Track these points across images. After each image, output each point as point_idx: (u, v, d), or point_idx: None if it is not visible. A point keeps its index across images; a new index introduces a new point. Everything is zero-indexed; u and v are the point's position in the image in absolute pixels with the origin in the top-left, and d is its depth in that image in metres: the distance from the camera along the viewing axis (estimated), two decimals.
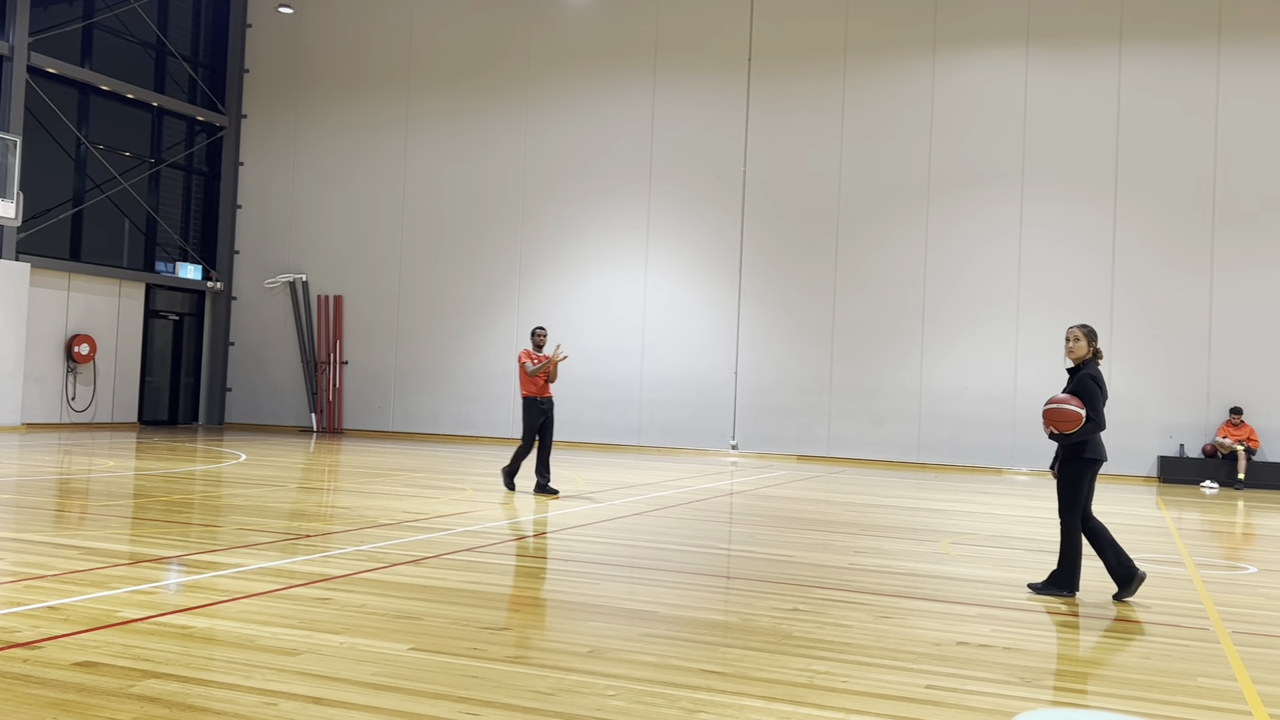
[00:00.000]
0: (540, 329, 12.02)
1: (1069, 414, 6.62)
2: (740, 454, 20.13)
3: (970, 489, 15.28)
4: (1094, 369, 6.80)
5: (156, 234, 23.03)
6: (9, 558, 6.72)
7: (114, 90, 21.67)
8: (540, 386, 11.70)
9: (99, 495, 10.34)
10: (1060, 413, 6.64)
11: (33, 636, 4.76)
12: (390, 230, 22.94)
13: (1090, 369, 6.80)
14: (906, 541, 9.20)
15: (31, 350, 19.83)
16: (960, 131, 19.33)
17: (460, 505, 10.51)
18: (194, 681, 4.18)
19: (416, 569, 6.86)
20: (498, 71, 22.32)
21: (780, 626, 5.59)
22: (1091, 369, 6.80)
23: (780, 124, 20.34)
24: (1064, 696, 4.52)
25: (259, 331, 23.87)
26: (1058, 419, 6.64)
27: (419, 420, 22.48)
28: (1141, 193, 18.32)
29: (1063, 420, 6.63)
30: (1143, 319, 18.15)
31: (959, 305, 19.16)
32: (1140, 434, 18.03)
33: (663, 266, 20.94)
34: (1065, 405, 6.65)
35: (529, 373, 11.66)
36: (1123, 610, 6.48)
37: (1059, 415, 6.64)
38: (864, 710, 4.15)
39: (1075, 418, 6.62)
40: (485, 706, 4.01)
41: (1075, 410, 6.63)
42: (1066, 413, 6.63)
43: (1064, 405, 6.65)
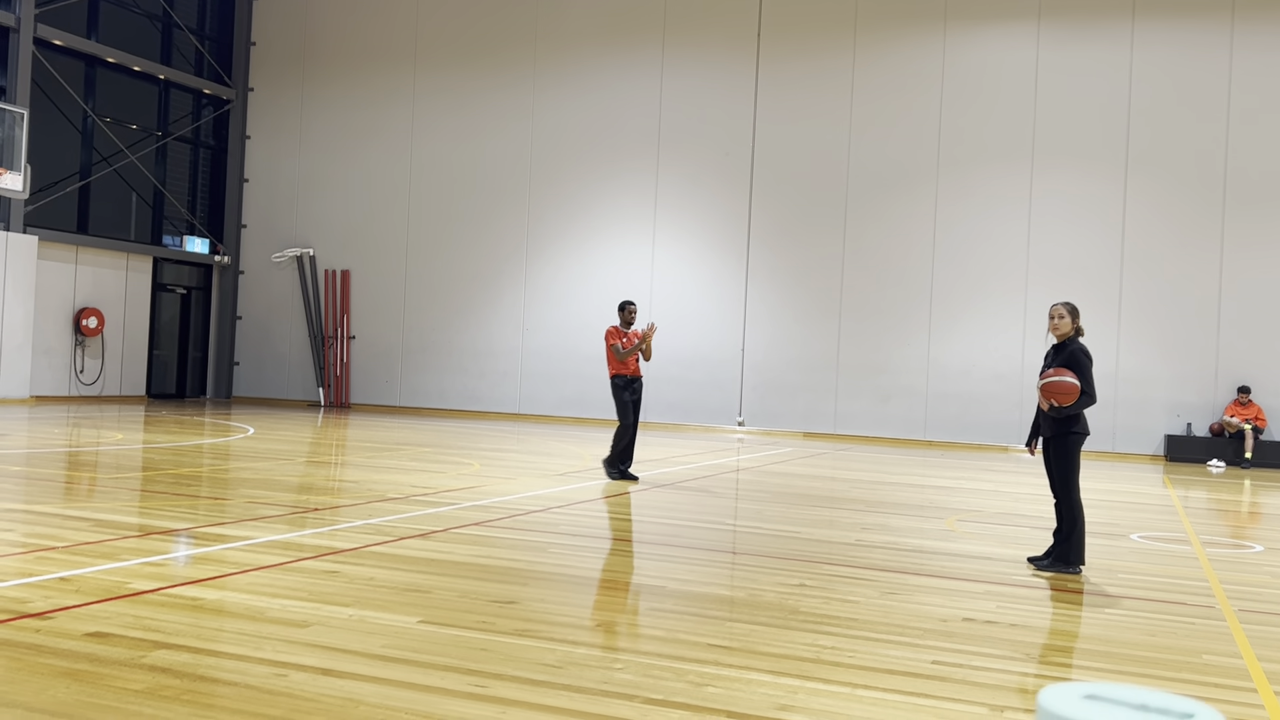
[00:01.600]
0: (630, 303, 11.11)
1: (1069, 386, 6.67)
2: (746, 431, 20.15)
3: (977, 466, 15.29)
4: (1083, 344, 6.87)
5: (164, 207, 23.03)
6: (20, 529, 6.76)
7: (120, 62, 21.61)
8: (630, 365, 10.94)
9: (108, 468, 10.39)
10: (1061, 385, 6.68)
11: (44, 607, 4.79)
12: (397, 205, 22.90)
13: (1080, 344, 6.86)
14: (913, 518, 9.21)
15: (40, 323, 19.88)
16: (970, 107, 19.21)
17: (468, 480, 10.54)
18: (204, 652, 4.21)
19: (425, 543, 6.89)
20: (505, 47, 22.21)
21: (787, 602, 5.61)
22: (1081, 344, 6.87)
23: (789, 100, 20.23)
24: (1069, 673, 4.54)
25: (266, 306, 23.89)
26: (1059, 391, 6.68)
27: (426, 395, 22.52)
28: (1152, 170, 18.22)
29: (1063, 392, 6.67)
30: (1151, 297, 18.09)
31: (967, 282, 19.10)
32: (1147, 412, 18.00)
33: (670, 243, 20.89)
34: (1064, 378, 6.69)
35: (619, 357, 10.81)
36: (1129, 587, 6.49)
37: (1060, 388, 6.68)
38: (870, 685, 4.17)
39: (1074, 389, 6.68)
40: (494, 679, 4.03)
41: (1073, 382, 6.68)
42: (1067, 385, 6.67)
43: (1063, 378, 6.69)
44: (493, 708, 3.70)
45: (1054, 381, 6.68)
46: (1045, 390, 6.71)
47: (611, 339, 10.93)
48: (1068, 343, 6.91)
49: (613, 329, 10.98)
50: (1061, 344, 6.95)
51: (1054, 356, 6.94)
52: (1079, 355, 6.79)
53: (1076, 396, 6.67)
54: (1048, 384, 6.69)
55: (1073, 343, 6.88)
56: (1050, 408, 6.76)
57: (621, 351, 10.80)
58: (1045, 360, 7.06)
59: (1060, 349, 6.93)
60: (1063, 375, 6.70)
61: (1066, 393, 6.67)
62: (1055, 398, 6.69)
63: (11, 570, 5.54)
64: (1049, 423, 6.89)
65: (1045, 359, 7.09)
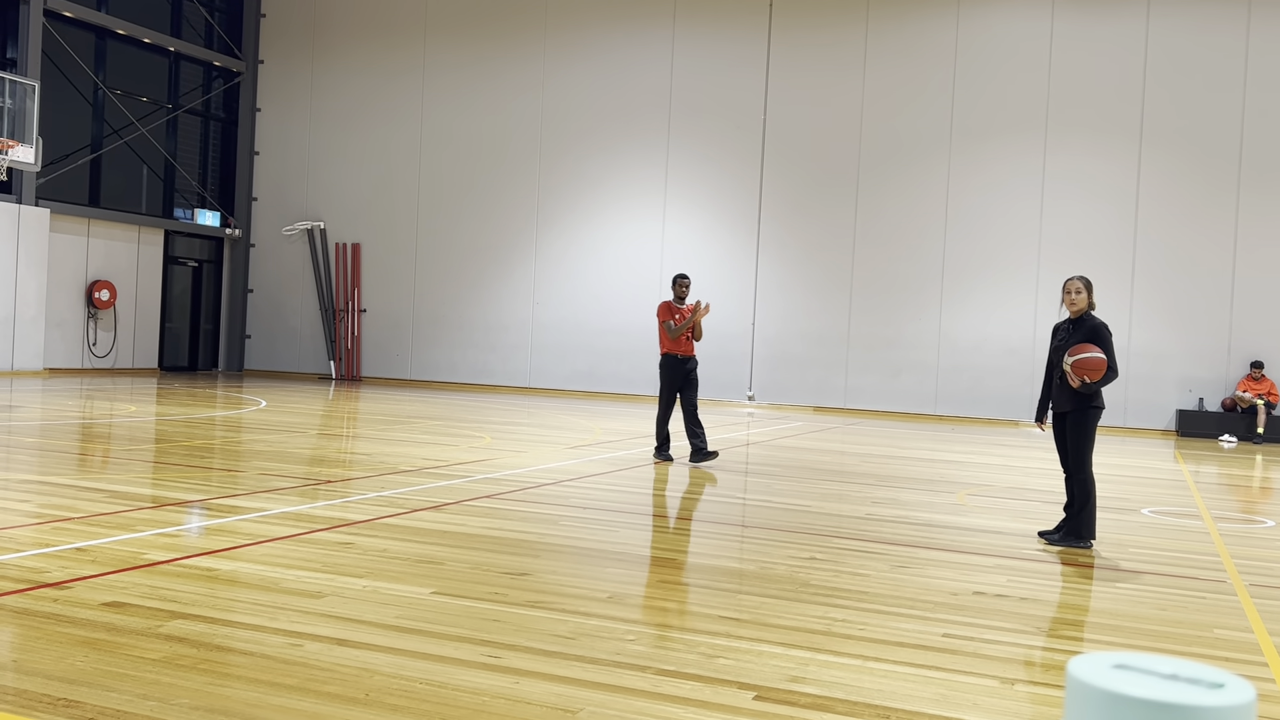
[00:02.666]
0: (683, 277, 10.59)
1: (1098, 361, 6.65)
2: (757, 405, 20.16)
3: (987, 441, 15.28)
4: (1101, 320, 6.85)
5: (175, 180, 23.03)
6: (36, 500, 6.81)
7: (130, 34, 21.56)
8: (683, 343, 10.45)
9: (121, 440, 10.45)
10: (1093, 360, 6.64)
11: (62, 577, 4.84)
12: (408, 178, 22.87)
13: (1098, 319, 6.84)
14: (923, 492, 9.22)
15: (52, 296, 19.96)
16: (984, 80, 19.06)
17: (479, 453, 10.58)
18: (220, 622, 4.25)
19: (437, 515, 6.93)
20: (515, 17, 22.08)
21: (798, 575, 5.63)
22: (1099, 319, 6.84)
23: (801, 72, 20.10)
24: (1080, 646, 4.55)
25: (277, 279, 23.93)
26: (1090, 367, 6.64)
27: (436, 369, 22.57)
28: (1167, 143, 18.07)
29: (1094, 368, 6.64)
30: (1165, 271, 17.99)
31: (979, 256, 19.02)
32: (1159, 387, 17.95)
33: (681, 216, 20.83)
34: (1095, 354, 6.66)
35: (670, 334, 10.33)
36: (1140, 562, 6.49)
37: (1092, 364, 6.64)
38: (881, 658, 4.19)
39: (1103, 364, 6.66)
40: (507, 649, 4.06)
41: (1101, 357, 6.66)
42: (1097, 360, 6.65)
43: (1093, 354, 6.66)
44: (506, 678, 3.73)
45: (1086, 358, 6.64)
46: (1077, 367, 6.65)
47: (663, 315, 10.41)
48: (1085, 318, 6.87)
49: (665, 305, 10.45)
50: (1079, 319, 6.90)
51: (1072, 332, 6.90)
52: (1102, 330, 6.76)
53: (1104, 370, 6.65)
54: (1080, 360, 6.64)
55: (1091, 318, 6.84)
56: (1081, 384, 6.74)
57: (674, 329, 10.29)
58: (1059, 335, 7.02)
59: (1078, 324, 6.89)
60: (1092, 351, 6.66)
61: (1096, 368, 6.64)
62: (1087, 374, 6.65)
63: (29, 540, 5.59)
64: (1068, 397, 6.85)
65: (1057, 334, 7.05)
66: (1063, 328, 7.02)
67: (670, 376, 10.50)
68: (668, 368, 10.50)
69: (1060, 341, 6.95)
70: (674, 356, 10.46)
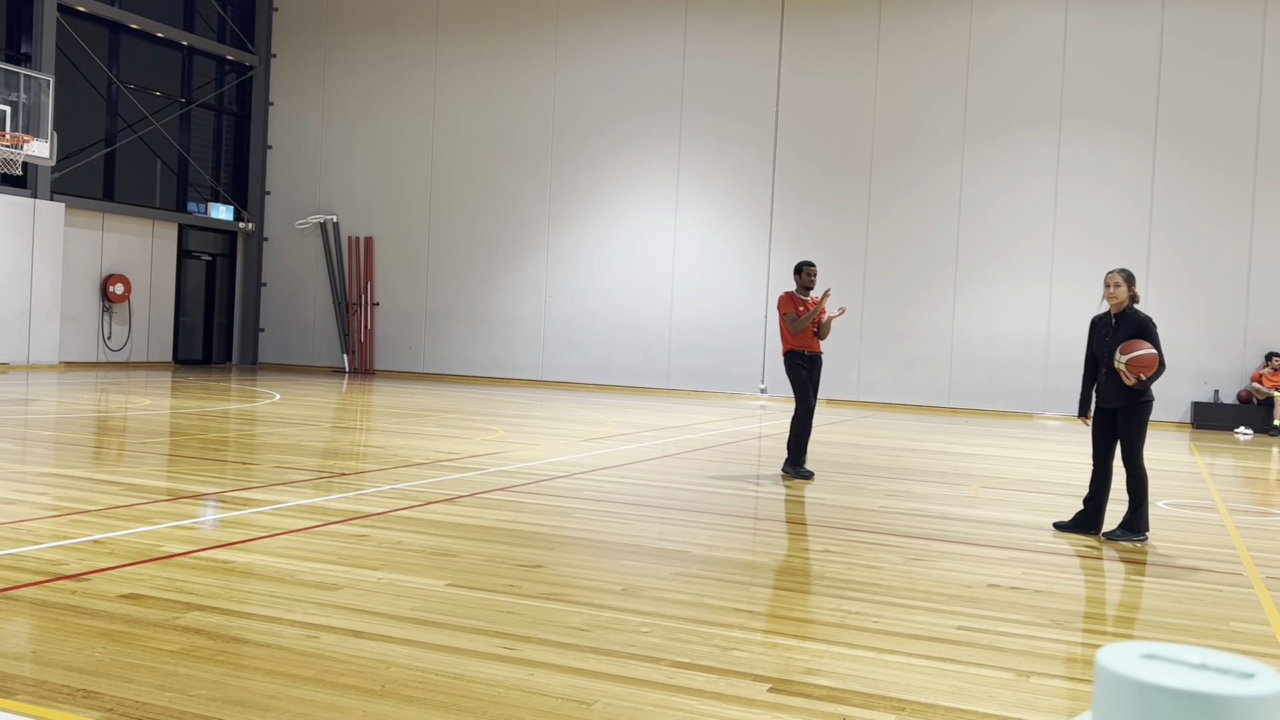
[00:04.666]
0: (808, 264, 9.41)
1: (1150, 358, 6.61)
2: (769, 398, 20.13)
3: (1001, 433, 15.24)
4: (1145, 314, 6.80)
5: (188, 174, 23.10)
6: (52, 492, 6.85)
7: (144, 29, 21.62)
8: (809, 338, 9.33)
9: (137, 433, 10.50)
10: (1146, 358, 6.60)
11: (80, 569, 4.87)
12: (420, 171, 22.89)
13: (1142, 313, 6.80)
14: (937, 485, 9.20)
15: (67, 290, 20.05)
16: (997, 69, 18.96)
17: (492, 446, 10.60)
18: (236, 614, 4.27)
19: (451, 507, 6.95)
20: (528, 11, 22.06)
21: (812, 567, 5.63)
22: (1143, 314, 6.80)
23: (814, 63, 20.03)
24: (1096, 639, 4.54)
25: (291, 272, 23.99)
26: (1144, 365, 6.61)
27: (449, 362, 22.60)
28: (1182, 134, 17.95)
29: (1148, 365, 6.61)
30: (1180, 262, 17.89)
31: (993, 248, 18.95)
32: (1174, 379, 17.84)
33: (693, 208, 20.80)
34: (1146, 350, 6.61)
35: (792, 327, 9.22)
36: (1156, 554, 6.47)
37: (1145, 361, 6.61)
38: (896, 650, 4.19)
39: (1155, 360, 6.63)
40: (522, 641, 4.07)
41: (1153, 353, 6.63)
42: (1149, 357, 6.61)
43: (1145, 351, 6.61)
44: (521, 670, 3.74)
45: (1139, 355, 6.59)
46: (1132, 365, 6.60)
47: (785, 307, 9.30)
48: (1128, 312, 6.82)
49: (787, 295, 9.34)
50: (1121, 313, 6.86)
51: (1115, 327, 6.84)
52: (1148, 325, 6.73)
53: (1156, 365, 6.62)
54: (1134, 359, 6.59)
55: (1135, 312, 6.80)
56: (1137, 380, 6.67)
57: (797, 321, 9.19)
58: (1100, 329, 6.94)
59: (1122, 318, 6.84)
60: (1144, 348, 6.61)
61: (1149, 365, 6.61)
62: (1142, 371, 6.62)
63: (46, 533, 5.63)
64: (1118, 393, 6.78)
65: (1097, 328, 6.96)
66: (1103, 321, 6.96)
67: (800, 375, 9.30)
68: (795, 366, 9.30)
69: (1103, 336, 6.89)
70: (800, 353, 9.29)
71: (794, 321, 9.20)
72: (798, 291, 9.37)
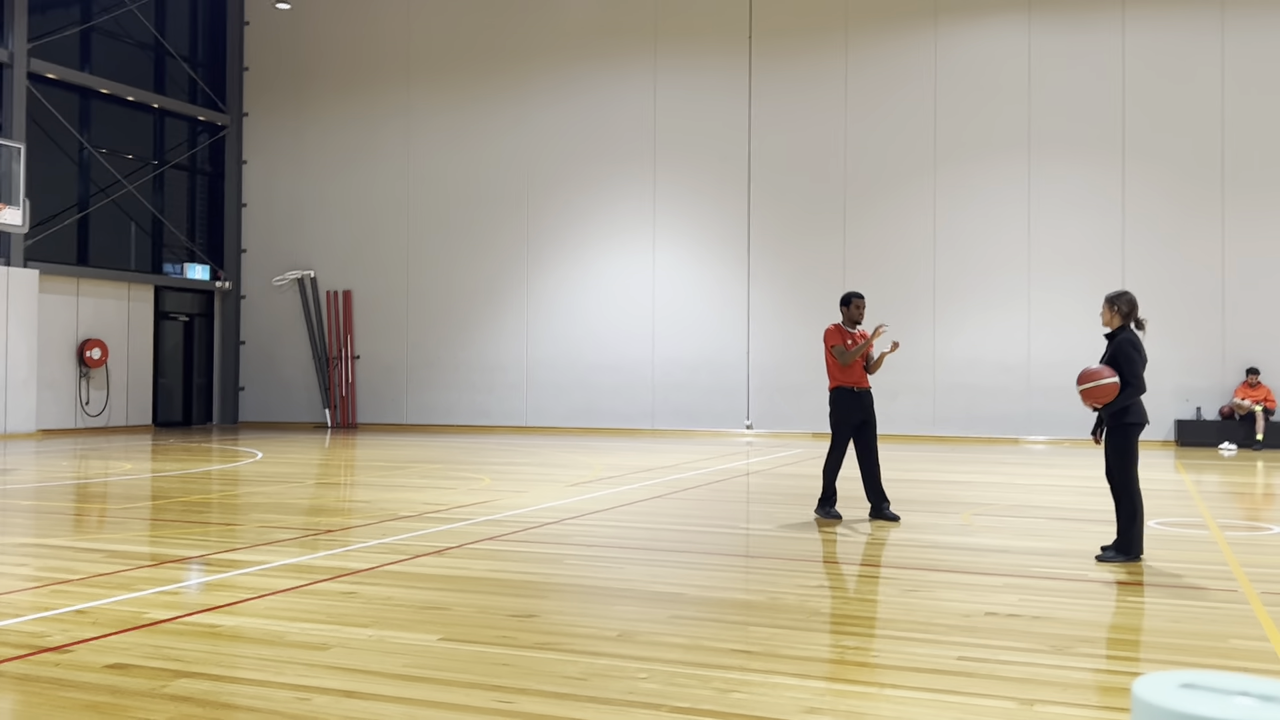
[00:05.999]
0: (856, 296, 8.99)
1: (1106, 388, 6.68)
2: (755, 434, 20.11)
3: (988, 460, 15.24)
4: (1131, 335, 6.85)
5: (163, 235, 23.05)
6: (33, 563, 6.73)
7: (114, 93, 21.65)
8: (857, 372, 8.91)
9: (118, 498, 10.36)
10: (1098, 390, 6.69)
11: (63, 640, 4.77)
12: (396, 223, 22.91)
13: (1127, 335, 6.86)
14: (928, 514, 9.17)
15: (44, 356, 19.89)
16: (965, 101, 19.20)
17: (479, 495, 10.51)
18: (225, 680, 4.18)
19: (440, 559, 6.86)
20: (496, 59, 22.23)
21: (807, 603, 5.58)
22: (1129, 335, 6.86)
23: (784, 101, 20.23)
24: (1097, 663, 4.50)
25: (269, 329, 23.90)
26: (1098, 395, 6.70)
27: (433, 412, 22.50)
28: (1149, 156, 18.19)
29: (1103, 395, 6.70)
30: (1155, 282, 18.04)
31: (970, 275, 19.07)
32: (1156, 398, 17.93)
33: (671, 248, 20.88)
34: (1100, 381, 6.69)
35: (841, 360, 8.78)
36: (1150, 574, 6.45)
37: (1098, 392, 6.70)
38: (897, 684, 4.14)
39: (1110, 388, 6.68)
40: (519, 694, 4.00)
41: (1110, 381, 6.68)
42: (1103, 388, 6.68)
43: (1099, 381, 6.70)
44: None
45: (1090, 388, 6.70)
46: (1085, 396, 6.73)
47: (832, 339, 8.86)
48: (1114, 334, 6.93)
49: (834, 328, 8.90)
50: (1110, 335, 6.98)
51: (1107, 349, 6.99)
52: (1124, 346, 6.79)
53: (1115, 393, 6.68)
54: (1086, 390, 6.71)
55: (1120, 333, 6.89)
56: (1098, 408, 6.78)
57: (845, 354, 8.77)
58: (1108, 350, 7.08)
59: (1110, 340, 6.97)
60: (1098, 378, 6.69)
61: (1103, 395, 6.69)
62: (1097, 400, 6.72)
63: (27, 605, 5.52)
64: (1108, 414, 6.87)
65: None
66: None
67: (844, 414, 8.82)
68: (841, 403, 8.84)
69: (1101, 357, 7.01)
70: (848, 390, 8.83)
71: (842, 354, 8.76)
72: (844, 324, 8.96)
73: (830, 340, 8.87)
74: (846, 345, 8.82)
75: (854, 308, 8.93)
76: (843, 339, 8.86)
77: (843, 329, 8.92)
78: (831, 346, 8.83)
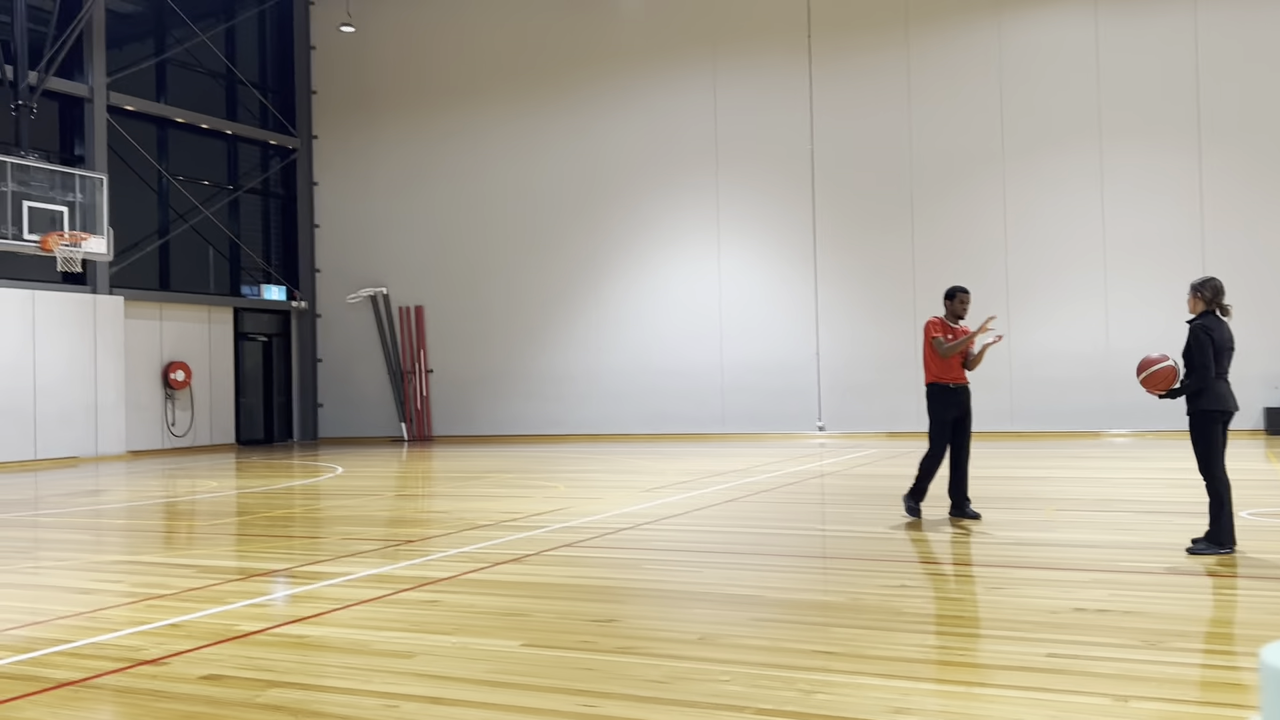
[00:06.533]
0: (961, 290, 8.73)
1: (1161, 373, 6.68)
2: (828, 435, 19.94)
3: (1068, 454, 14.92)
4: (1207, 321, 6.72)
5: (240, 258, 23.61)
6: (128, 579, 6.93)
7: (190, 122, 22.26)
8: (955, 370, 8.59)
9: (205, 515, 10.63)
10: (1155, 376, 6.70)
11: (159, 654, 4.90)
12: (464, 237, 23.19)
13: (1201, 321, 6.75)
14: (1009, 511, 9.01)
15: (130, 380, 20.49)
16: (1031, 89, 18.86)
17: (554, 503, 10.58)
18: (315, 688, 4.26)
19: (519, 567, 6.92)
20: (556, 72, 22.40)
21: (890, 603, 5.51)
22: (1204, 320, 6.74)
23: (845, 98, 20.07)
24: (1192, 657, 4.38)
25: (345, 346, 24.34)
26: (1156, 381, 6.72)
27: (506, 423, 22.70)
28: (1226, 137, 17.68)
29: (1159, 380, 6.70)
30: (1237, 266, 17.50)
31: (1043, 267, 18.71)
32: (1244, 386, 17.29)
33: (737, 250, 20.83)
34: (1154, 367, 6.71)
35: (940, 352, 8.51)
36: (1244, 566, 6.25)
37: (1155, 378, 6.72)
38: (985, 682, 4.07)
39: (1168, 371, 6.67)
40: (602, 698, 4.02)
41: (1165, 365, 6.68)
42: (1159, 373, 6.69)
43: (1153, 368, 6.71)
44: None
45: (1145, 376, 6.73)
46: (1143, 385, 6.78)
47: (934, 331, 8.63)
48: (1194, 320, 6.84)
49: (936, 320, 8.69)
50: (1191, 323, 6.90)
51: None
52: (1196, 331, 6.72)
53: (1173, 376, 6.66)
54: (1142, 380, 6.77)
55: (1195, 320, 6.80)
56: (1161, 396, 6.78)
57: (945, 345, 8.50)
58: None
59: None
60: (1151, 365, 6.71)
61: (1159, 380, 6.68)
62: (1154, 388, 6.74)
63: (124, 619, 5.69)
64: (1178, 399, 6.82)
65: None
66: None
67: (939, 410, 8.54)
68: (938, 399, 8.55)
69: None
70: (944, 385, 8.55)
71: (941, 346, 8.49)
72: (947, 318, 8.71)
73: (931, 332, 8.62)
74: (947, 339, 8.57)
75: (958, 302, 8.67)
76: (944, 332, 8.63)
77: (944, 322, 8.69)
78: (932, 338, 8.58)
